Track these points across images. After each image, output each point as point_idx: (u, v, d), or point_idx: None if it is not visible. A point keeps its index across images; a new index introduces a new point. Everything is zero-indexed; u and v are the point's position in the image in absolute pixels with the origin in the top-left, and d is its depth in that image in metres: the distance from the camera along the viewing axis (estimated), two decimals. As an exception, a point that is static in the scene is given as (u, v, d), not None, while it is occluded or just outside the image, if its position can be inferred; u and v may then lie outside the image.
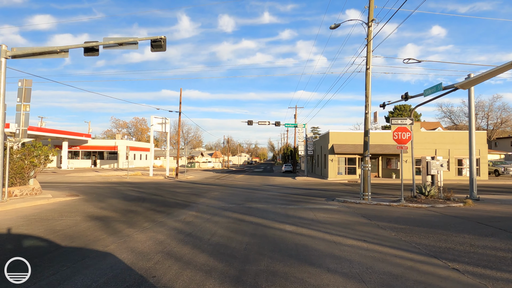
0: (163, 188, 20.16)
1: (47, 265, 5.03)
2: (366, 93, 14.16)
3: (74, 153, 52.60)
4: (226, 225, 8.45)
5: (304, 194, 17.49)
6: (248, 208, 11.69)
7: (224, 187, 22.14)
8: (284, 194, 17.40)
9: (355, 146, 30.71)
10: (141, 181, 27.03)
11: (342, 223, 8.78)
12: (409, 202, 12.49)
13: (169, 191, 18.22)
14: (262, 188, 21.20)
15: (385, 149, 30.18)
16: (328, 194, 17.51)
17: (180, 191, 18.68)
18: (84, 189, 18.50)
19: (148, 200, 14.05)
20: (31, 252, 5.87)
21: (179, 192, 17.76)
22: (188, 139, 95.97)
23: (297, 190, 19.83)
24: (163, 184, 23.78)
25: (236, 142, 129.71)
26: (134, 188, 20.18)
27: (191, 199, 14.53)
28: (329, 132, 31.70)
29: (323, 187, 22.73)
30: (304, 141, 33.75)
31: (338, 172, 31.15)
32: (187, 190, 19.03)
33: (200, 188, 21.01)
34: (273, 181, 29.60)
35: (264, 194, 17.07)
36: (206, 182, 27.51)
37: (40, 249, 6.02)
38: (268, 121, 34.16)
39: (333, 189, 20.63)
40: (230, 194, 17.22)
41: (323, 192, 18.79)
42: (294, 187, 22.34)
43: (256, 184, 24.99)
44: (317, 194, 17.12)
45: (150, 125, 32.59)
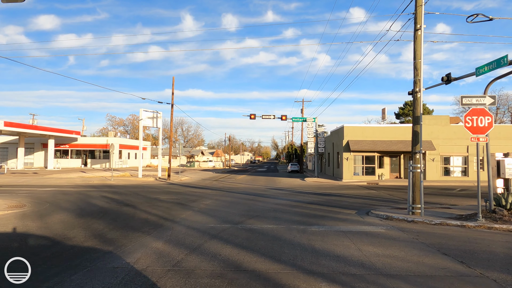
0: (144, 194, 16.20)
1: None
2: (416, 63, 10.08)
3: (63, 152, 48.82)
4: (207, 283, 4.42)
5: (323, 202, 13.42)
6: (249, 232, 7.67)
7: (221, 191, 18.14)
8: (296, 202, 13.36)
9: (374, 143, 26.59)
10: (126, 184, 23.13)
11: (420, 274, 4.73)
12: (490, 220, 8.37)
13: (149, 199, 14.25)
14: (268, 194, 17.18)
15: (409, 146, 25.96)
16: (355, 202, 13.44)
17: (163, 198, 14.69)
18: (45, 196, 14.62)
19: (110, 214, 10.08)
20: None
21: (161, 201, 13.78)
22: (188, 137, 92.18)
23: (312, 197, 15.77)
24: (149, 188, 19.82)
25: (239, 141, 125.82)
26: (109, 194, 16.25)
27: (171, 212, 10.53)
28: (343, 127, 27.60)
29: (341, 191, 18.67)
30: (314, 137, 29.73)
31: (354, 172, 27.04)
32: (173, 197, 15.04)
33: (191, 193, 17.02)
34: (280, 183, 25.56)
35: (271, 203, 13.06)
36: (202, 184, 23.52)
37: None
38: (273, 115, 30.12)
39: (355, 195, 16.56)
40: (226, 203, 13.21)
41: (345, 199, 14.72)
42: (306, 192, 18.31)
43: (260, 188, 20.97)
44: (340, 203, 13.06)
45: (139, 119, 28.66)
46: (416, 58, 10.05)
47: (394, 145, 26.30)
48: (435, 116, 27.25)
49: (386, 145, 26.33)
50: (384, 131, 27.22)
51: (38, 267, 4.97)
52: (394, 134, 27.00)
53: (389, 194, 17.18)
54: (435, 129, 26.64)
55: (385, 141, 26.71)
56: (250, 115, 29.76)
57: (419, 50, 10.00)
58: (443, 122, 26.73)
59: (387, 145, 26.28)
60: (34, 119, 57.58)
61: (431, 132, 26.66)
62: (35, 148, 47.97)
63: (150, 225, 8.43)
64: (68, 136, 44.83)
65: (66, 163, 47.71)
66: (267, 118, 30.01)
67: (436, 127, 26.65)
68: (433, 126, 26.71)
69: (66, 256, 5.68)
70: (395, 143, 26.47)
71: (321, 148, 29.72)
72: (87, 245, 6.37)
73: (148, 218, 9.50)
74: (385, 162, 27.80)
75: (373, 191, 18.89)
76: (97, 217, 9.57)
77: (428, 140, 26.44)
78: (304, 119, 30.56)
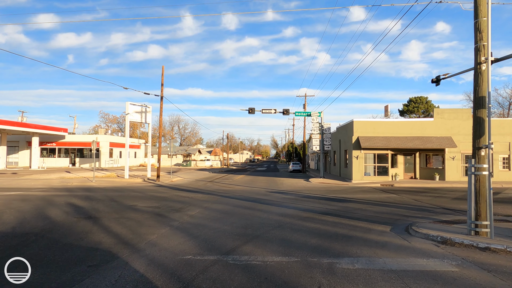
0: (120, 200, 13.35)
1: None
2: (478, 24, 7.22)
3: (50, 151, 45.89)
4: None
5: (340, 212, 10.58)
6: (244, 274, 4.84)
7: (214, 196, 15.30)
8: (307, 212, 10.53)
9: (387, 139, 23.77)
10: (107, 186, 20.29)
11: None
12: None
13: (123, 207, 11.40)
14: (269, 199, 14.34)
15: (427, 143, 23.23)
16: (380, 212, 10.61)
17: (141, 206, 11.85)
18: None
19: (54, 233, 7.24)
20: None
21: (136, 210, 10.93)
22: (185, 136, 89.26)
23: (324, 203, 12.94)
24: (130, 192, 16.97)
25: (238, 139, 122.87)
26: (78, 200, 13.40)
27: (140, 230, 7.70)
28: (353, 122, 24.75)
29: (355, 195, 15.85)
30: (319, 134, 26.89)
31: (365, 172, 24.22)
32: (154, 205, 12.20)
33: (178, 199, 14.17)
34: (282, 184, 22.73)
35: (275, 213, 10.23)
36: (194, 187, 20.68)
37: None
38: (274, 108, 27.27)
39: (374, 200, 13.74)
40: (218, 213, 10.37)
41: (365, 206, 11.89)
42: (315, 196, 15.48)
43: (259, 191, 18.14)
44: (363, 213, 10.22)
45: (125, 113, 25.77)
46: (480, 16, 7.20)
47: (410, 142, 23.48)
48: (455, 109, 24.47)
49: (401, 142, 23.51)
50: (399, 126, 24.41)
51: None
52: (409, 130, 24.19)
53: (413, 199, 14.37)
54: (456, 123, 23.83)
55: (400, 137, 23.90)
56: (249, 108, 26.92)
57: (484, 7, 7.15)
58: (464, 116, 23.92)
59: (402, 142, 23.47)
60: (24, 116, 54.73)
61: (451, 127, 23.86)
62: (20, 147, 45.07)
63: (97, 256, 5.59)
64: (55, 133, 41.92)
65: (53, 162, 44.82)
66: (268, 113, 27.15)
67: (456, 121, 23.85)
68: (453, 120, 23.91)
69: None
70: (411, 140, 23.66)
71: (327, 146, 26.90)
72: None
73: (103, 241, 6.66)
74: (399, 161, 25.01)
75: (393, 194, 16.07)
76: (30, 239, 6.74)
77: (447, 136, 23.65)
78: (308, 113, 27.69)
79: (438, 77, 16.76)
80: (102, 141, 44.86)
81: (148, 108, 27.74)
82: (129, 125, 26.65)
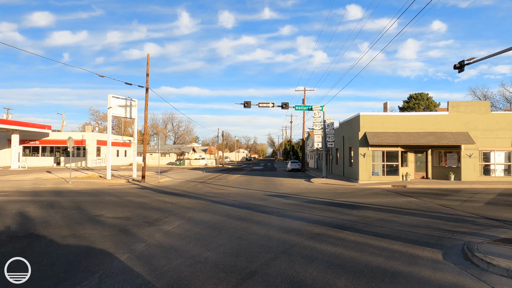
0: (87, 207, 10.90)
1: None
2: None
3: (33, 149, 43.14)
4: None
5: (360, 226, 8.21)
6: None
7: (202, 201, 12.88)
8: (318, 226, 8.15)
9: (397, 135, 21.48)
10: (82, 189, 17.80)
11: None
12: None
13: (84, 218, 8.95)
14: (269, 205, 11.95)
15: (441, 139, 20.96)
16: (410, 224, 8.26)
17: (108, 216, 9.40)
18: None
19: None
20: None
21: (98, 223, 8.48)
22: (179, 133, 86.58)
23: (336, 211, 10.57)
24: (106, 196, 14.49)
25: (234, 137, 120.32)
26: (35, 207, 10.93)
27: (84, 262, 5.28)
28: (359, 116, 22.41)
29: (368, 199, 13.51)
30: (321, 129, 24.53)
31: (373, 172, 21.91)
32: (124, 215, 9.76)
33: (158, 206, 11.73)
34: (281, 185, 20.36)
35: (276, 228, 7.85)
36: (182, 189, 18.24)
37: None
38: (272, 102, 24.87)
39: (393, 206, 11.40)
40: (201, 228, 7.96)
41: (388, 215, 9.53)
42: (322, 200, 13.11)
43: (256, 194, 15.75)
44: (390, 226, 7.87)
45: (107, 107, 23.21)
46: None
47: (422, 138, 21.21)
48: (472, 102, 22.25)
49: (412, 138, 21.23)
50: (410, 120, 22.11)
51: None
52: (421, 125, 21.91)
53: (439, 204, 12.06)
54: (472, 117, 21.59)
55: (411, 133, 21.61)
56: (244, 102, 24.48)
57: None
58: (482, 110, 21.67)
59: (413, 138, 21.19)
60: (9, 113, 51.84)
61: (468, 121, 21.61)
62: (0, 145, 42.26)
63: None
64: (37, 131, 39.18)
65: (36, 161, 42.08)
66: (265, 107, 24.75)
67: (473, 115, 21.61)
68: (469, 114, 21.67)
69: None
70: (423, 136, 21.38)
71: (330, 143, 24.56)
72: None
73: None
74: (409, 159, 22.74)
75: (411, 198, 13.76)
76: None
77: (463, 132, 21.41)
78: (309, 106, 25.30)
79: (462, 62, 14.30)
80: (89, 139, 42.21)
81: (134, 102, 25.21)
82: (111, 120, 24.11)
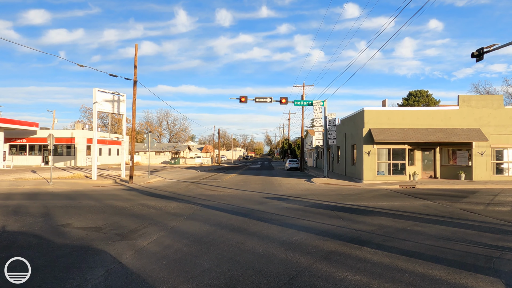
0: (55, 215, 9.32)
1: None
2: None
3: (20, 148, 41.30)
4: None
5: (381, 239, 6.70)
6: None
7: (191, 206, 11.32)
8: (330, 240, 6.63)
9: (405, 132, 20.02)
10: (62, 191, 16.19)
11: None
12: None
13: (45, 229, 7.36)
14: (267, 211, 10.42)
15: (452, 135, 19.53)
16: (441, 236, 6.77)
17: (73, 227, 7.82)
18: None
19: None
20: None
21: (59, 236, 6.89)
22: (175, 131, 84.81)
23: (347, 220, 9.06)
24: (85, 198, 12.89)
25: (231, 135, 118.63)
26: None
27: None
28: (363, 111, 20.91)
29: (379, 203, 12.03)
30: (322, 126, 23.02)
31: (378, 171, 20.44)
32: (95, 224, 8.19)
33: (138, 211, 10.16)
34: (280, 186, 18.84)
35: (278, 243, 6.33)
36: (171, 190, 16.67)
37: None
38: (270, 97, 23.33)
39: (410, 211, 9.92)
40: (184, 244, 6.40)
41: (409, 224, 8.04)
42: (329, 205, 11.60)
43: (253, 196, 14.21)
44: (420, 243, 6.36)
45: (93, 102, 21.53)
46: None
47: (431, 135, 19.76)
48: (484, 96, 20.85)
49: (421, 134, 19.78)
50: (418, 116, 20.64)
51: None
52: (430, 120, 20.46)
53: (461, 209, 10.60)
54: (485, 113, 20.18)
55: (419, 129, 20.16)
56: (240, 97, 22.89)
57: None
58: (495, 104, 20.25)
59: (422, 135, 19.74)
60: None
61: (479, 117, 20.20)
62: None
63: None
64: (23, 128, 37.32)
65: (24, 160, 40.28)
66: (262, 102, 23.19)
67: (485, 110, 20.19)
68: (481, 109, 20.24)
69: None
70: (432, 132, 19.93)
71: (332, 140, 23.06)
72: None
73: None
74: (416, 157, 21.30)
75: (427, 201, 12.29)
76: None
77: (475, 128, 19.99)
78: (309, 101, 23.74)
79: (480, 50, 13.07)
80: (79, 137, 40.46)
81: (122, 96, 23.57)
82: (96, 115, 22.44)
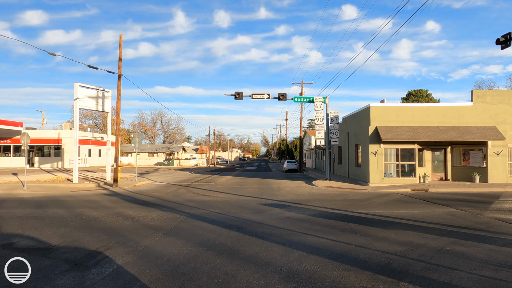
0: (6, 227, 7.50)
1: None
2: None
3: (4, 149, 39.20)
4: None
5: (420, 269, 4.95)
6: None
7: (176, 216, 9.54)
8: (352, 269, 4.89)
9: (415, 130, 18.38)
10: (35, 196, 14.35)
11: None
12: None
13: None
14: (265, 223, 8.66)
15: (465, 134, 17.92)
16: (498, 263, 5.04)
17: (12, 249, 6.02)
18: None
19: None
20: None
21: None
22: (169, 132, 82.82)
23: (364, 235, 7.33)
24: (55, 207, 11.06)
25: (227, 136, 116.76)
26: None
27: None
28: (369, 107, 19.25)
29: (395, 211, 10.33)
30: (324, 124, 21.36)
31: (386, 173, 18.77)
32: (46, 243, 6.39)
33: (110, 224, 8.36)
34: (279, 190, 17.08)
35: (281, 277, 4.57)
36: (157, 196, 14.86)
37: None
38: (268, 93, 21.65)
39: (436, 222, 8.22)
40: (152, 280, 4.60)
41: (444, 242, 6.33)
42: (338, 214, 9.88)
43: (249, 202, 12.45)
44: (478, 274, 4.63)
45: (74, 98, 19.67)
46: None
47: (444, 133, 18.13)
48: (500, 91, 19.34)
49: (432, 133, 18.15)
50: (428, 113, 19.01)
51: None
52: (441, 118, 18.84)
53: (494, 218, 8.91)
54: (501, 109, 18.60)
55: (430, 127, 18.53)
56: (235, 93, 21.15)
57: None
58: (509, 98, 18.68)
59: (433, 134, 18.11)
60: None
61: (495, 114, 18.61)
62: (-32, 144, 38.28)
63: None
64: (7, 128, 35.22)
65: (8, 162, 38.19)
66: (259, 98, 21.48)
67: (502, 106, 18.61)
68: (497, 105, 18.66)
69: None
70: (444, 130, 18.31)
71: (335, 139, 21.40)
72: None
73: None
74: (426, 157, 19.67)
75: (449, 208, 10.61)
76: None
77: (490, 126, 18.39)
78: (310, 98, 22.04)
79: (507, 36, 11.40)
80: (66, 138, 38.46)
81: (107, 92, 21.74)
82: (77, 112, 20.56)
